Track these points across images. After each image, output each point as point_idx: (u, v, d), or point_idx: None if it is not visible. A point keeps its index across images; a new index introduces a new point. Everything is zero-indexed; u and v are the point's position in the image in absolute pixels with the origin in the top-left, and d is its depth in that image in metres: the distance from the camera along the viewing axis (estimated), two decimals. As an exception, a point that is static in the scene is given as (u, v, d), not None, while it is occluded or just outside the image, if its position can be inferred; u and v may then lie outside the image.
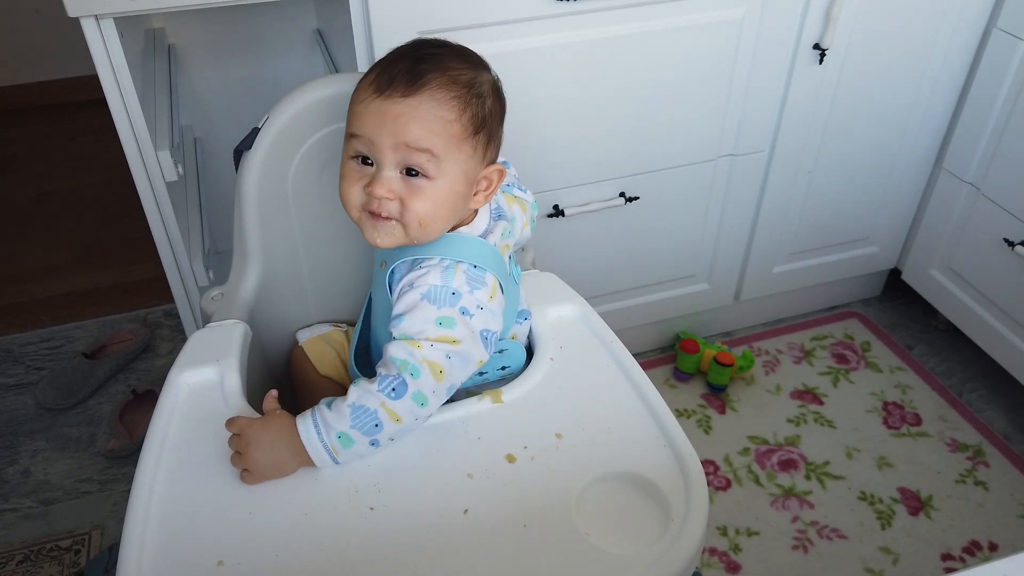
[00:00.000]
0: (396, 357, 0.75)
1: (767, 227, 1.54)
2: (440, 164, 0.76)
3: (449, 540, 0.69)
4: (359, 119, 0.77)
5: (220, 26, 1.49)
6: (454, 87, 0.76)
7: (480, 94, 0.79)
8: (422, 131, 0.75)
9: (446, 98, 0.76)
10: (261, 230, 0.95)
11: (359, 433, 0.73)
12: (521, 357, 0.87)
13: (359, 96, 0.78)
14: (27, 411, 1.55)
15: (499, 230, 0.85)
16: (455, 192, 0.78)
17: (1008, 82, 1.38)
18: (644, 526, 0.70)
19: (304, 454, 0.73)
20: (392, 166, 0.76)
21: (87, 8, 0.97)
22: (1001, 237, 1.44)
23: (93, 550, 1.31)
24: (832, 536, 1.33)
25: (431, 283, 0.78)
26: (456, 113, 0.76)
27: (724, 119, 1.35)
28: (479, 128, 0.78)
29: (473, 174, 0.80)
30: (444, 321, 0.77)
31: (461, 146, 0.77)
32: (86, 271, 1.93)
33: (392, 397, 0.73)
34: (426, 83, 0.75)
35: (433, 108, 0.75)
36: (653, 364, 1.65)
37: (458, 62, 0.78)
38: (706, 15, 1.23)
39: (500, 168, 0.82)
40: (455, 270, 0.79)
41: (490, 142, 0.81)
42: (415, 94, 0.75)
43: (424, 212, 0.77)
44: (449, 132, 0.76)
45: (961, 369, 1.65)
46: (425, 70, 0.76)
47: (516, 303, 0.87)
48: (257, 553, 0.67)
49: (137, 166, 1.11)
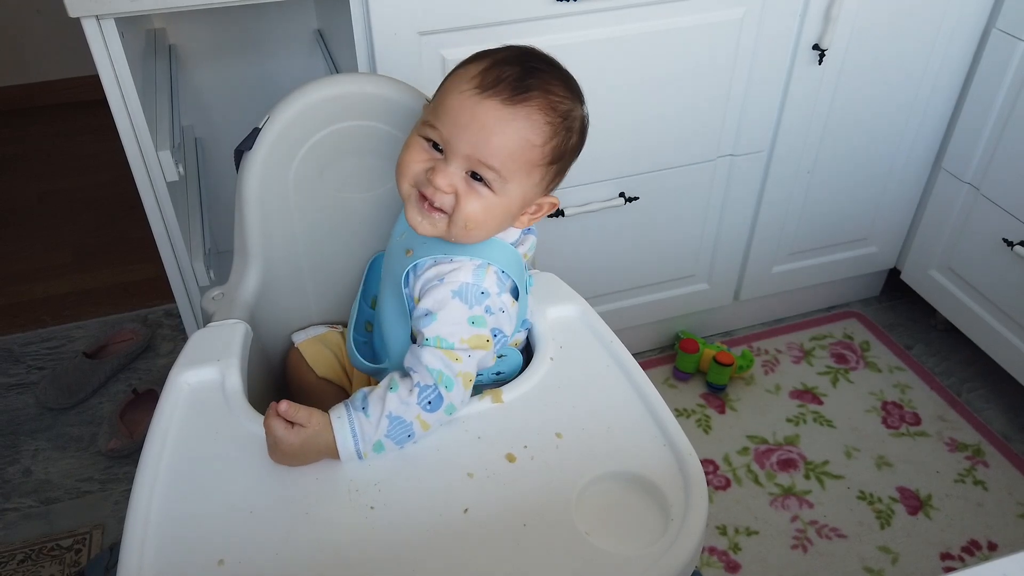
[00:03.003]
0: (432, 368, 0.76)
1: (766, 227, 1.54)
2: (505, 184, 0.76)
3: (449, 539, 0.69)
4: (448, 111, 0.76)
5: (221, 26, 1.49)
6: (551, 114, 0.76)
7: (570, 128, 0.78)
8: (502, 150, 0.74)
9: (541, 122, 0.75)
10: (262, 230, 0.95)
11: (392, 442, 0.74)
12: (517, 364, 0.88)
13: (457, 84, 0.76)
14: (28, 411, 1.56)
15: (528, 243, 0.86)
16: (508, 211, 0.79)
17: (1007, 82, 1.38)
18: (644, 525, 0.70)
19: (334, 454, 0.74)
20: (460, 166, 0.76)
21: (88, 8, 0.97)
22: (1000, 237, 1.44)
23: (94, 549, 1.31)
24: (831, 535, 1.33)
25: (463, 280, 0.78)
26: (543, 139, 0.76)
27: (724, 119, 1.36)
28: (556, 160, 0.79)
29: (531, 199, 0.80)
30: (476, 320, 0.78)
31: (532, 172, 0.77)
32: (87, 271, 1.94)
33: (428, 410, 0.75)
34: (528, 99, 0.75)
35: (524, 128, 0.75)
36: (653, 364, 1.65)
37: (562, 88, 0.78)
38: (705, 15, 1.23)
39: (554, 200, 0.83)
40: (487, 270, 0.80)
41: (558, 175, 0.82)
42: (515, 105, 0.74)
43: (474, 217, 0.77)
44: (527, 156, 0.76)
45: (960, 369, 1.65)
46: (531, 85, 0.75)
47: (524, 312, 0.88)
48: (258, 552, 0.68)
49: (138, 166, 1.11)
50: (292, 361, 1.01)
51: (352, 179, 0.97)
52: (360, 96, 0.93)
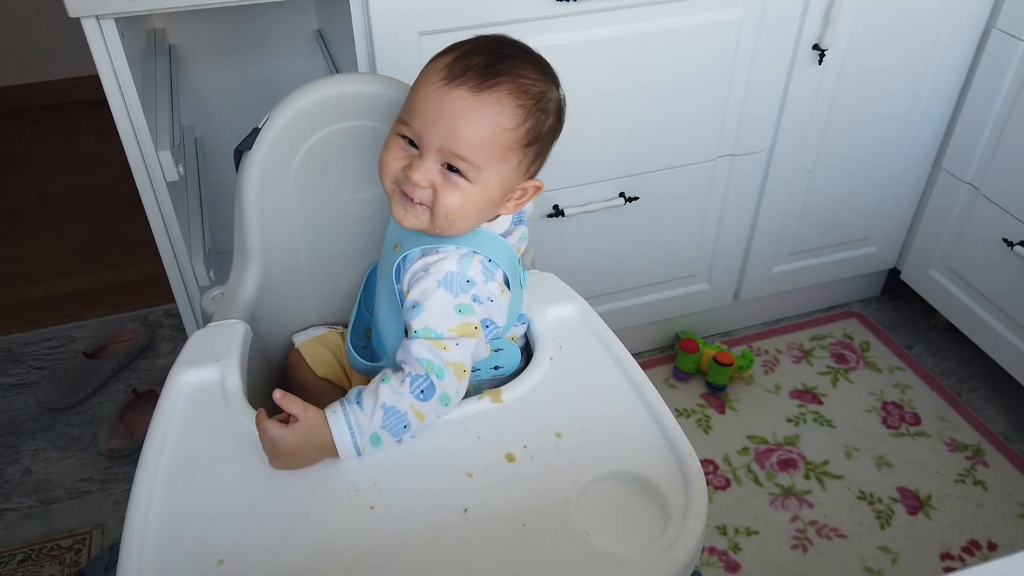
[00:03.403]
0: (421, 358, 0.76)
1: (766, 227, 1.54)
2: (480, 173, 0.77)
3: (449, 539, 0.69)
4: (418, 106, 0.77)
5: (221, 26, 1.49)
6: (522, 96, 0.76)
7: (545, 109, 0.79)
8: (472, 138, 0.75)
9: (511, 105, 0.76)
10: (262, 230, 0.95)
11: (388, 434, 0.74)
12: (516, 359, 0.88)
13: (427, 78, 0.77)
14: (28, 410, 1.56)
15: (518, 233, 0.86)
16: (488, 199, 0.79)
17: (1007, 82, 1.38)
18: (643, 525, 0.70)
19: (333, 452, 0.74)
20: (434, 159, 0.77)
21: (88, 8, 0.97)
22: (1000, 237, 1.44)
23: (94, 549, 1.31)
24: (831, 535, 1.33)
25: (447, 269, 0.79)
26: (516, 122, 0.76)
27: (724, 119, 1.36)
28: (532, 141, 0.79)
29: (511, 185, 0.80)
30: (463, 308, 0.78)
31: (507, 155, 0.77)
32: (87, 271, 1.94)
33: (421, 399, 0.75)
34: (497, 84, 0.75)
35: (494, 113, 0.75)
36: (653, 364, 1.65)
37: (533, 71, 0.78)
38: (706, 15, 1.23)
39: (538, 184, 0.83)
40: (472, 259, 0.80)
41: (537, 157, 0.81)
42: (482, 92, 0.75)
43: (454, 208, 0.77)
44: (501, 140, 0.76)
45: (960, 369, 1.65)
46: (500, 71, 0.75)
47: (519, 306, 0.88)
48: (258, 552, 0.68)
49: (138, 166, 1.11)
50: (292, 361, 1.01)
51: (352, 179, 0.97)
52: (360, 96, 0.93)
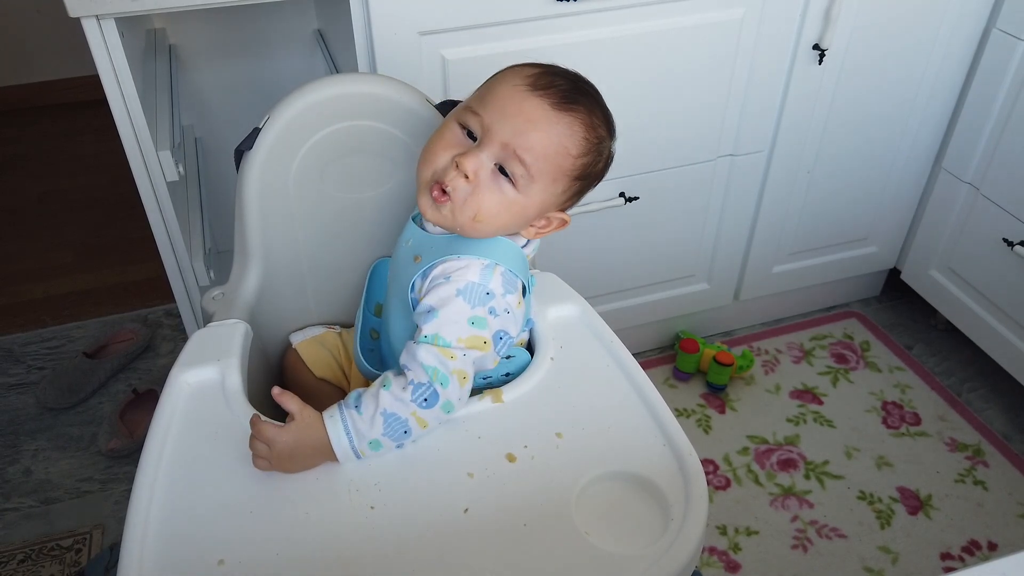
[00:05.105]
0: (427, 365, 0.75)
1: (766, 227, 1.54)
2: (530, 184, 0.77)
3: (449, 539, 0.69)
4: (496, 99, 0.77)
5: (221, 26, 1.49)
6: (591, 132, 0.78)
7: (600, 153, 0.81)
8: (539, 146, 0.76)
9: (580, 134, 0.77)
10: (262, 230, 0.95)
11: (388, 439, 0.74)
12: (525, 364, 0.87)
13: (509, 78, 0.78)
14: (28, 410, 1.56)
15: (532, 244, 0.87)
16: (523, 213, 0.80)
17: (1007, 82, 1.38)
18: (644, 525, 0.70)
19: (331, 455, 0.74)
20: (492, 154, 0.77)
21: (88, 8, 0.97)
22: (1000, 237, 1.44)
23: (94, 549, 1.31)
24: (831, 535, 1.33)
25: (469, 279, 0.78)
26: (578, 151, 0.78)
27: (724, 119, 1.36)
28: (581, 177, 0.80)
29: (547, 208, 0.81)
30: (476, 321, 0.78)
31: (559, 178, 0.78)
32: (87, 271, 1.94)
33: (423, 407, 0.74)
34: (575, 110, 0.77)
35: (565, 135, 0.77)
36: (653, 364, 1.65)
37: (602, 117, 0.80)
38: (706, 15, 1.23)
39: (565, 218, 0.84)
40: (494, 271, 0.79)
41: (576, 195, 0.83)
42: (560, 111, 0.76)
43: (486, 209, 0.77)
44: (560, 161, 0.77)
45: (960, 369, 1.65)
46: (580, 100, 0.78)
47: (528, 312, 0.88)
48: (258, 552, 0.68)
49: (138, 166, 1.11)
50: (290, 362, 1.01)
51: (352, 179, 0.97)
52: (360, 96, 0.93)
